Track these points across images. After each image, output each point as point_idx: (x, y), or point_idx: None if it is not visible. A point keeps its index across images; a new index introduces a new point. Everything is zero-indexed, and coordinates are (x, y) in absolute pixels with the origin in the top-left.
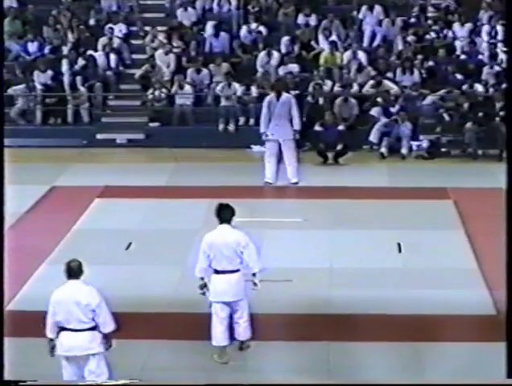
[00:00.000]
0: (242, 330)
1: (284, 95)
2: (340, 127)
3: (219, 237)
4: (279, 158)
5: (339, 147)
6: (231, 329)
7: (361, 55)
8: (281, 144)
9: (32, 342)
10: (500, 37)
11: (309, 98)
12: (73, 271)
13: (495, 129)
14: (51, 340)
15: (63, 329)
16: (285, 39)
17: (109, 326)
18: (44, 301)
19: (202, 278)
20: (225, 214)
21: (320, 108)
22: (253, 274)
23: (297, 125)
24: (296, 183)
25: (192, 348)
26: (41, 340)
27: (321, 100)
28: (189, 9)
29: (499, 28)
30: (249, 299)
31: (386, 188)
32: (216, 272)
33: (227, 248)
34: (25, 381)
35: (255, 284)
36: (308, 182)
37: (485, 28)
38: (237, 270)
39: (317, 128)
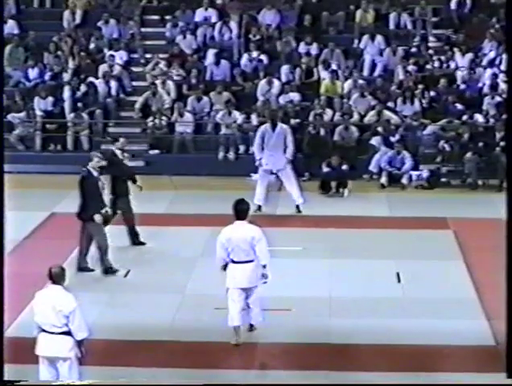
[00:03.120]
0: (254, 315)
1: (279, 125)
2: (344, 167)
3: (236, 233)
4: (279, 187)
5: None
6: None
7: (362, 85)
8: (278, 174)
9: (30, 370)
10: (502, 67)
11: (310, 128)
12: (54, 277)
13: (495, 159)
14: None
15: (42, 329)
16: (286, 68)
17: (81, 333)
18: None
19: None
20: (241, 209)
21: (320, 139)
22: (264, 266)
23: (290, 155)
24: (302, 204)
25: (191, 376)
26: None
27: (322, 131)
28: (190, 37)
29: (501, 58)
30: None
31: (386, 218)
32: (234, 262)
33: (244, 243)
34: (24, 381)
35: (264, 275)
36: (308, 211)
37: (487, 58)
38: (252, 260)
39: (324, 169)
